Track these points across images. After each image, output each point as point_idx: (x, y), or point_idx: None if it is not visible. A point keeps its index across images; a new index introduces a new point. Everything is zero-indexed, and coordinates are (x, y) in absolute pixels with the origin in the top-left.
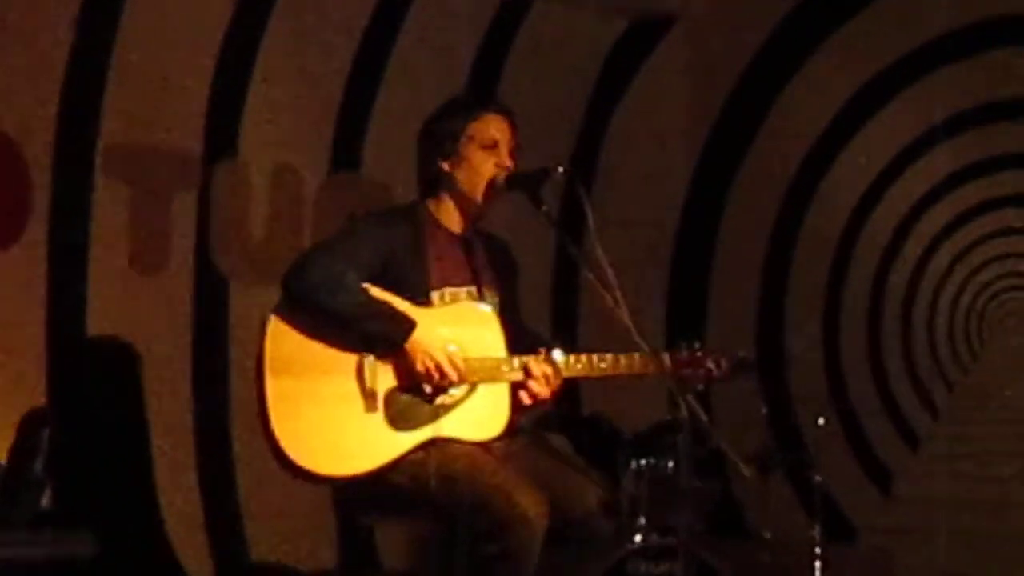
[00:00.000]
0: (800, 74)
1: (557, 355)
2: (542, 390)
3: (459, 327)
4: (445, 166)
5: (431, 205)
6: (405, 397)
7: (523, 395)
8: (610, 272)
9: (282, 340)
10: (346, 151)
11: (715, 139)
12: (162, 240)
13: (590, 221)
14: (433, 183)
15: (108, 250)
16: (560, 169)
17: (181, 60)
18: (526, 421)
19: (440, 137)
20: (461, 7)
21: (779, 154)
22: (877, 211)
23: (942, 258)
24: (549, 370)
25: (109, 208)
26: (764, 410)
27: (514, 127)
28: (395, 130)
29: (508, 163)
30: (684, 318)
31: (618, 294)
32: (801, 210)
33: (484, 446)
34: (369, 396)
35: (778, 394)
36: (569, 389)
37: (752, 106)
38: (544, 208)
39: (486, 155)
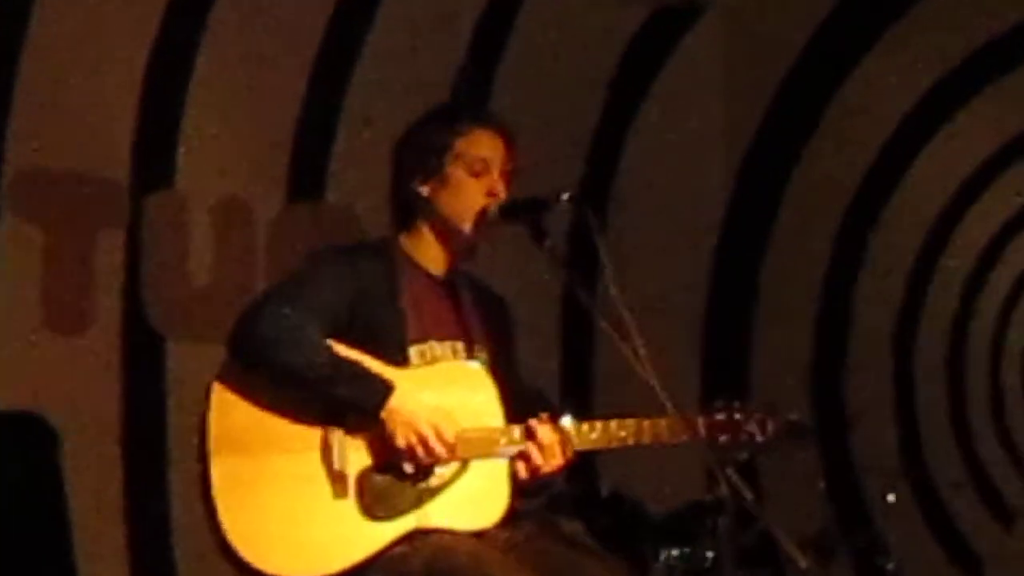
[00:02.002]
0: (859, 70)
1: (567, 421)
2: (546, 462)
3: (446, 391)
4: (424, 190)
5: (405, 240)
6: (382, 479)
7: (519, 467)
8: (630, 319)
9: (229, 411)
10: (306, 176)
11: (758, 152)
12: (83, 290)
13: (604, 258)
14: (409, 211)
15: (16, 304)
16: (566, 196)
17: (104, 72)
18: (530, 504)
19: (419, 154)
20: None
21: (836, 168)
22: (957, 234)
23: None
24: (556, 438)
25: (17, 252)
26: (823, 484)
27: (510, 145)
28: (365, 150)
29: (501, 189)
30: (722, 372)
31: (640, 346)
32: (864, 236)
33: (480, 536)
34: (338, 479)
35: (840, 464)
36: (583, 462)
37: (802, 111)
38: (548, 244)
39: (475, 179)
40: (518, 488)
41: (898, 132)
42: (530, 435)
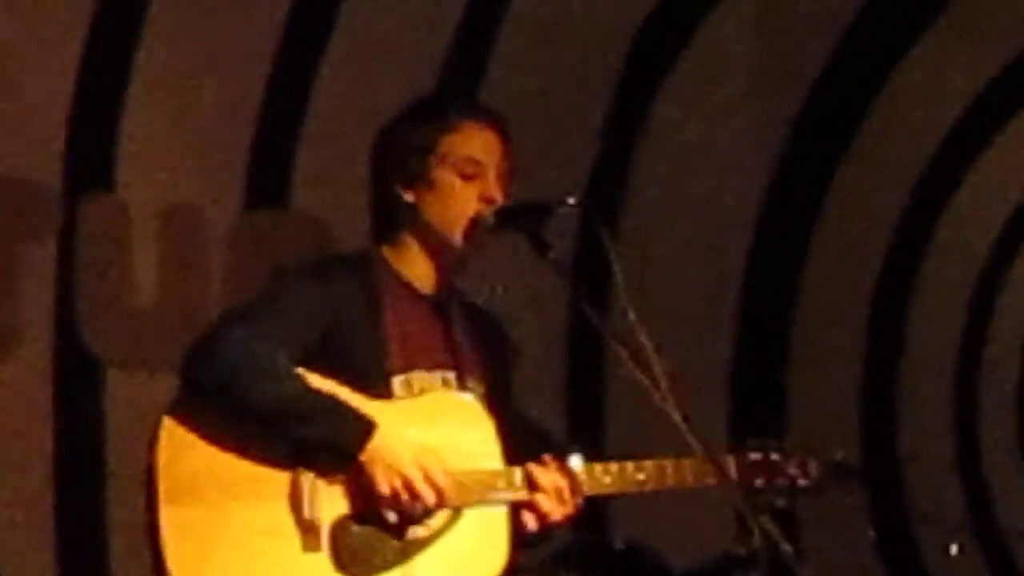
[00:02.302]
0: (915, 54)
1: (576, 462)
2: (554, 509)
3: (435, 427)
4: (408, 196)
5: (389, 253)
6: (361, 530)
7: (527, 518)
8: (648, 343)
9: (182, 452)
10: (268, 178)
11: (795, 149)
12: (7, 309)
13: (616, 272)
14: (390, 220)
15: None
16: (572, 200)
17: (31, 61)
18: (532, 557)
19: (401, 155)
20: None
21: (885, 170)
22: None
23: None
24: (563, 482)
25: None
26: (873, 534)
27: (506, 141)
28: (337, 148)
29: (497, 193)
30: (756, 405)
31: (660, 374)
32: (919, 248)
33: None
34: (309, 530)
35: (892, 511)
36: (593, 509)
37: (846, 102)
38: (551, 255)
39: (466, 182)
40: (518, 539)
41: (958, 127)
42: (533, 479)
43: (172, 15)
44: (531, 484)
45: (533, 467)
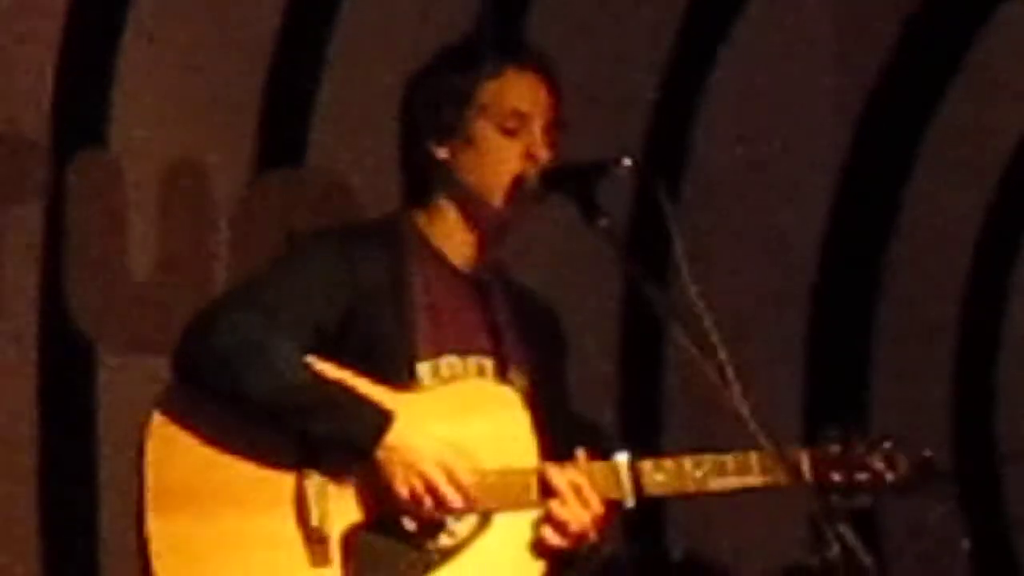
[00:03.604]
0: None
1: (621, 459)
2: (573, 517)
3: (465, 421)
4: (442, 152)
5: (420, 219)
6: (375, 539)
7: (546, 532)
8: (712, 326)
9: (173, 453)
10: (282, 135)
11: (881, 104)
12: None
13: (677, 244)
14: (423, 182)
15: None
16: (628, 160)
17: (13, 8)
18: (576, 573)
19: (434, 106)
20: None
21: (982, 131)
22: None
23: None
24: (581, 480)
25: None
26: (967, 544)
27: (554, 91)
28: (361, 99)
29: (542, 149)
30: (833, 397)
31: (724, 361)
32: (1020, 219)
33: None
34: (316, 540)
35: (988, 518)
36: (648, 515)
37: (941, 54)
38: (603, 223)
39: (508, 138)
40: (555, 553)
41: None
42: (547, 483)
43: None
44: (544, 489)
45: (548, 467)
